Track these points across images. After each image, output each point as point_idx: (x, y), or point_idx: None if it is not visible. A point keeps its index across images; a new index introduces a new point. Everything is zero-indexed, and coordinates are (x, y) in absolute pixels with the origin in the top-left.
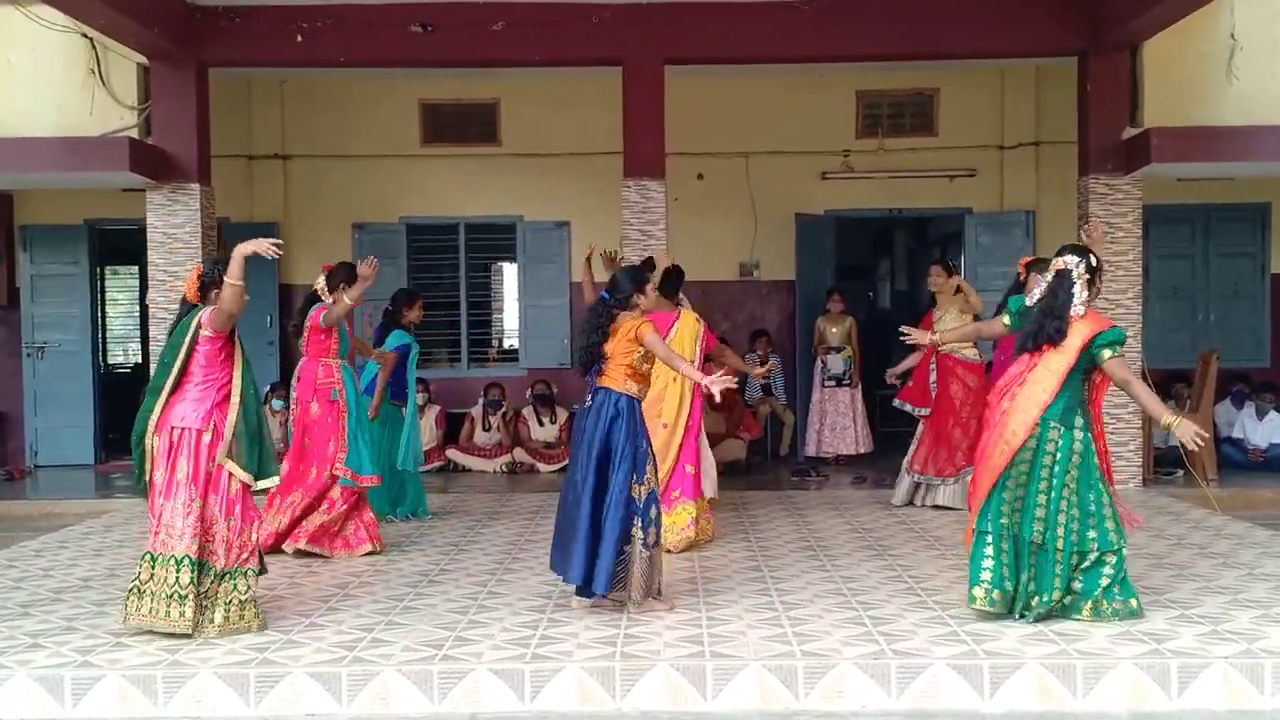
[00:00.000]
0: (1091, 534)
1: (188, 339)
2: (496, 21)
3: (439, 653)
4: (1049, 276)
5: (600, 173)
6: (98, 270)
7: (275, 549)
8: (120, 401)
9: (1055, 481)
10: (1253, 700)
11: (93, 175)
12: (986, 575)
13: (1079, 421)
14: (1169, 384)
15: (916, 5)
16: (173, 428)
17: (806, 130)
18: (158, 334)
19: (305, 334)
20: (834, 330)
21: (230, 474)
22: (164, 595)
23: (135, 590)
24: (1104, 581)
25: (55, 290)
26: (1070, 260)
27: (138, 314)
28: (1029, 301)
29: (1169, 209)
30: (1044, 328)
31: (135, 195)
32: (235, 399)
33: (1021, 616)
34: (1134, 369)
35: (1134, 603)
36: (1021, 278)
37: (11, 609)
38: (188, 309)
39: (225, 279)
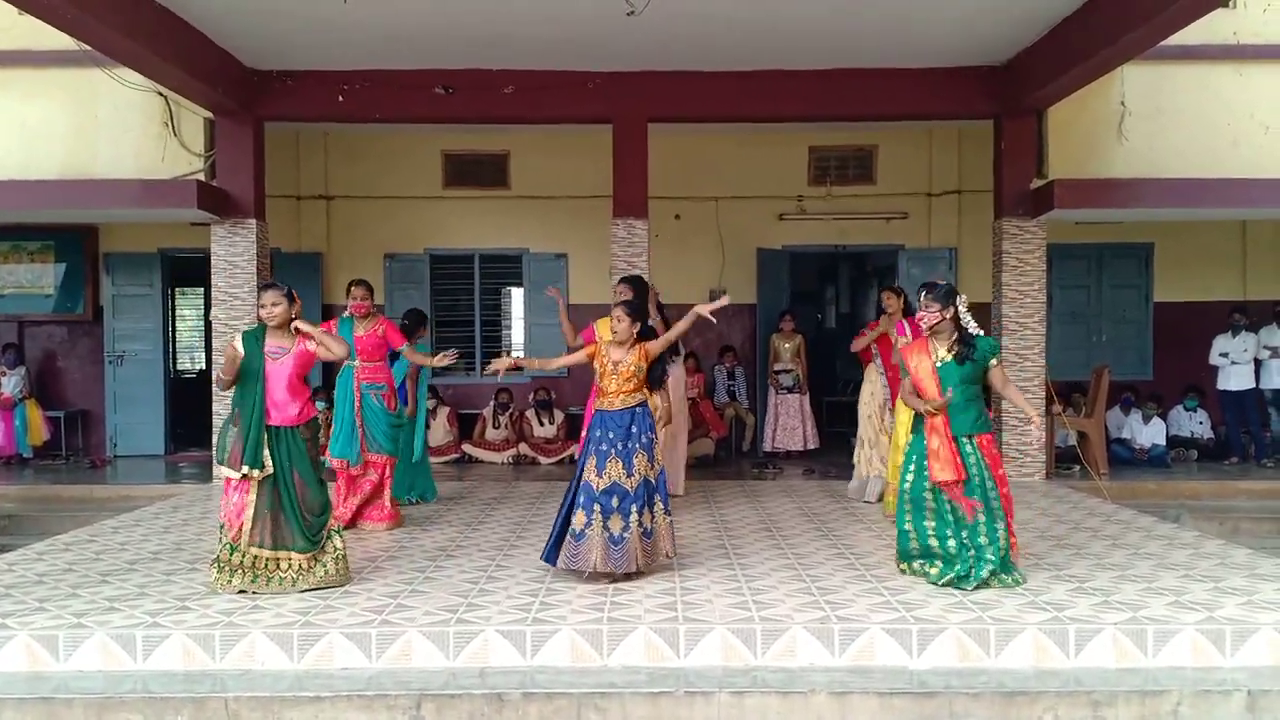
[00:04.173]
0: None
1: None
2: (507, 86)
3: (454, 616)
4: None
5: (593, 212)
6: (169, 291)
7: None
8: (187, 402)
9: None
10: (1138, 660)
11: (166, 211)
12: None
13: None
14: (1068, 393)
15: (859, 75)
16: None
17: (766, 178)
18: (220, 345)
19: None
20: (786, 346)
21: None
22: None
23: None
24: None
25: (132, 308)
26: (961, 300)
27: (202, 329)
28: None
29: (1069, 247)
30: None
31: (201, 228)
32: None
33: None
34: (1039, 378)
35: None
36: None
37: (92, 577)
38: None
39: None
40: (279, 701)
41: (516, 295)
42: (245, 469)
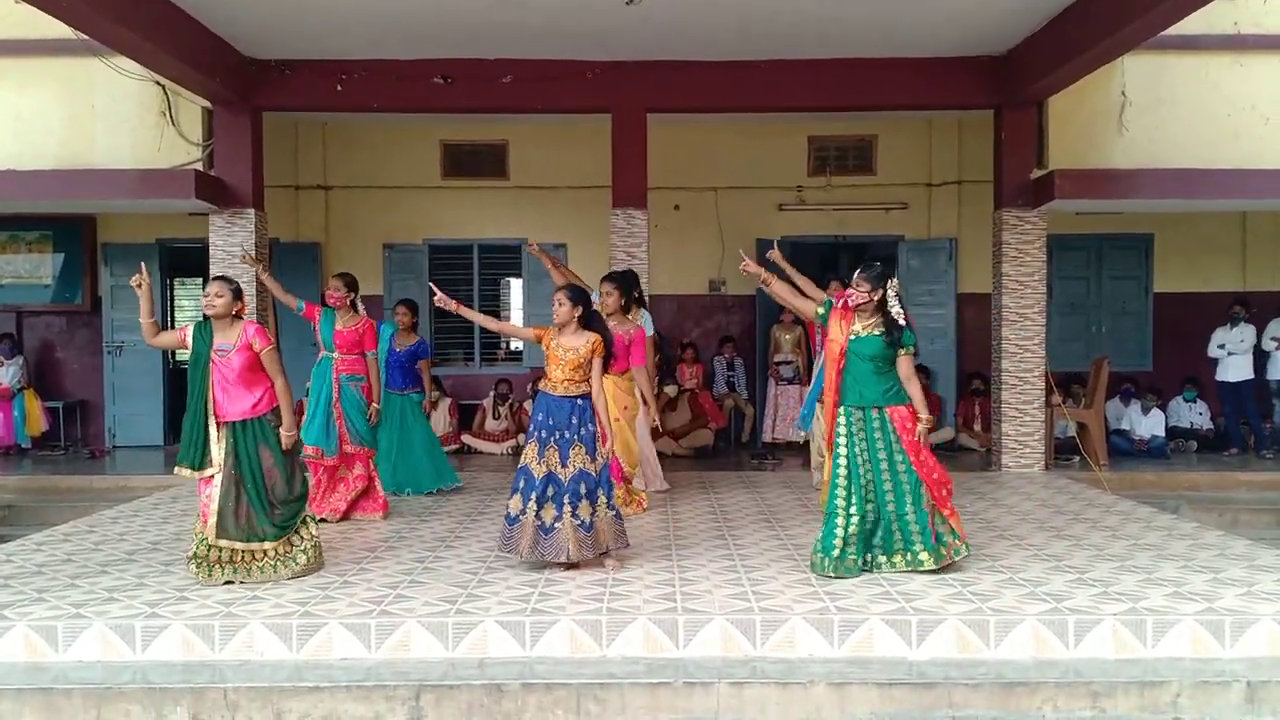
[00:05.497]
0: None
1: None
2: (506, 75)
3: (453, 607)
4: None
5: (593, 203)
6: (167, 282)
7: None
8: (185, 392)
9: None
10: (1137, 651)
11: (164, 202)
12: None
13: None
14: (1068, 384)
15: (858, 65)
16: None
17: (765, 169)
18: None
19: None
20: (786, 337)
21: None
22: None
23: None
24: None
25: (131, 298)
26: (891, 285)
27: (201, 320)
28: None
29: (1069, 238)
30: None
31: (199, 219)
32: None
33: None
34: (1039, 369)
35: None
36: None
37: (91, 568)
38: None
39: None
40: (278, 692)
41: (515, 285)
42: (179, 468)
